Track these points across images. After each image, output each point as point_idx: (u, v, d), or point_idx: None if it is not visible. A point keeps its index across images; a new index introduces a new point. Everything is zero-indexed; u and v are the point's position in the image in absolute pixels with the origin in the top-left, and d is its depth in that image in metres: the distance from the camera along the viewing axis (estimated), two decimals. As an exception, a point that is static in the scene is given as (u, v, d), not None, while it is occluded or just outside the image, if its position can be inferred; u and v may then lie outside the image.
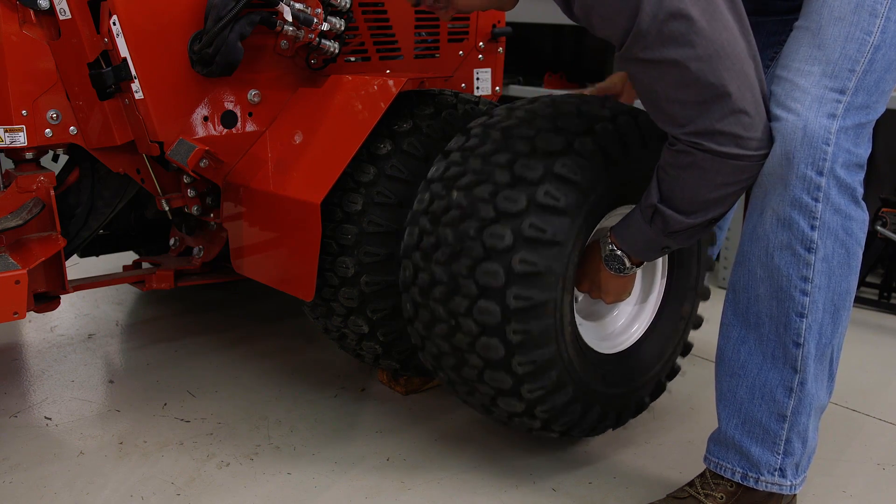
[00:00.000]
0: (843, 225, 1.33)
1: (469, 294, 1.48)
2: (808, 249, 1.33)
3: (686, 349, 1.86)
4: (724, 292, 2.72)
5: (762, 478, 1.44)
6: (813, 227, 1.32)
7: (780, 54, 1.38)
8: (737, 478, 1.46)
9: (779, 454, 1.42)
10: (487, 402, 1.60)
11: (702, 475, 1.52)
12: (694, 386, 2.08)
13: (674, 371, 1.83)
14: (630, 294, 1.66)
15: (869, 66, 1.30)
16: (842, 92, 1.30)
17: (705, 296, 1.87)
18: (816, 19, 1.32)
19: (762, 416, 1.41)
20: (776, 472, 1.44)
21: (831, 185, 1.31)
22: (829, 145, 1.29)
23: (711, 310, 2.54)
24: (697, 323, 1.88)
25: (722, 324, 1.46)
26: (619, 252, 1.52)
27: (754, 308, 1.39)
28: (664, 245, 1.47)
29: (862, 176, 1.35)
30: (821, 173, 1.30)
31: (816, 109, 1.30)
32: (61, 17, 1.71)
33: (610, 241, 1.53)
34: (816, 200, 1.31)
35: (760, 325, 1.39)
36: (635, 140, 1.56)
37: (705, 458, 1.52)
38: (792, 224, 1.33)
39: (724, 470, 1.48)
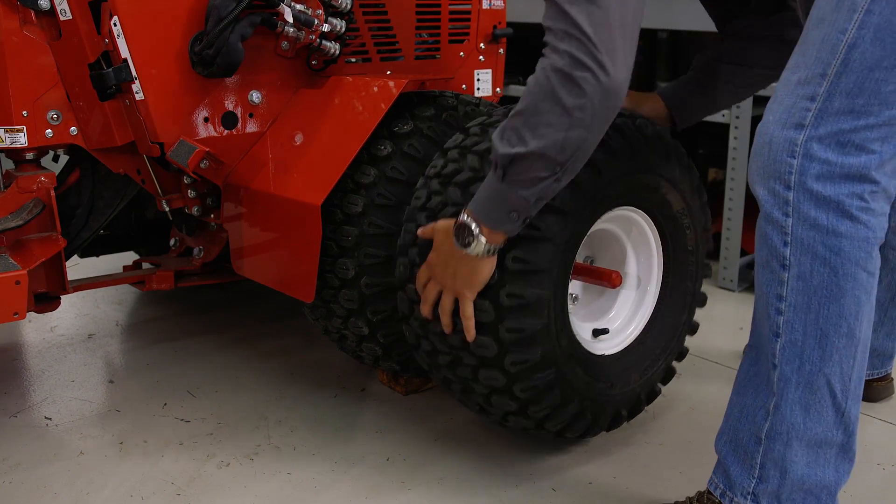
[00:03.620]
0: (824, 241, 1.24)
1: None
2: (783, 266, 1.28)
3: (681, 354, 1.86)
4: (723, 292, 2.75)
5: (736, 499, 1.38)
6: (785, 244, 1.27)
7: None
8: (717, 493, 1.42)
9: (753, 478, 1.36)
10: (482, 400, 1.61)
11: (699, 494, 1.48)
12: (693, 386, 2.09)
13: (669, 373, 1.83)
14: (481, 286, 1.46)
15: (843, 68, 1.22)
16: (812, 99, 1.24)
17: (702, 302, 1.88)
18: (807, 24, 1.28)
19: (744, 435, 1.37)
20: (749, 497, 1.36)
21: (802, 198, 1.24)
22: (794, 157, 1.24)
23: (710, 309, 2.55)
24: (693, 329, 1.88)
25: (747, 344, 1.41)
26: (467, 219, 1.39)
27: (760, 329, 1.35)
28: (511, 202, 1.35)
29: (868, 187, 1.24)
30: (788, 187, 1.24)
31: (784, 121, 1.25)
32: (62, 18, 1.71)
33: (463, 212, 1.42)
34: (786, 215, 1.26)
35: (763, 346, 1.34)
36: (626, 143, 1.57)
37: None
38: (767, 240, 1.29)
39: (712, 483, 1.44)
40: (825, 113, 1.23)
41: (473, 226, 1.39)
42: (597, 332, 1.73)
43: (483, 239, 1.39)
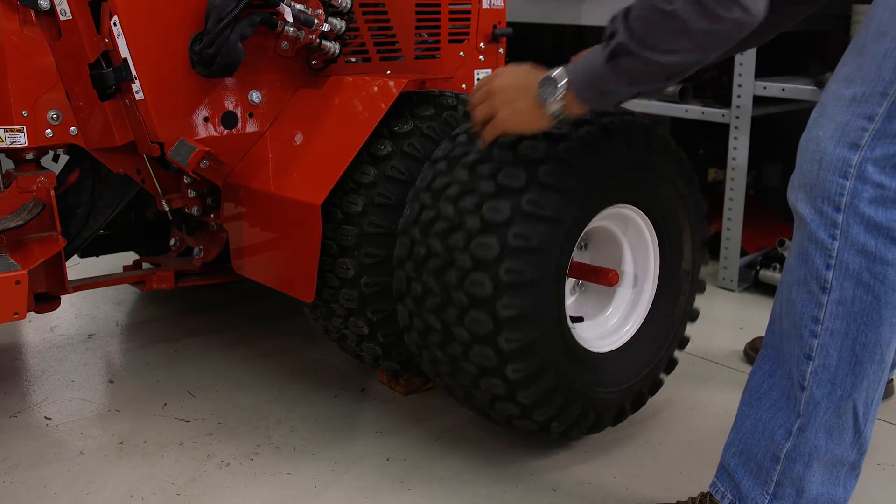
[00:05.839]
0: (870, 268, 1.20)
1: (460, 304, 1.49)
2: (823, 289, 1.23)
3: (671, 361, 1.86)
4: (723, 292, 2.75)
5: None
6: (828, 266, 1.22)
7: None
8: (725, 502, 1.40)
9: (768, 494, 1.34)
10: (485, 406, 1.62)
11: (701, 495, 1.47)
12: (693, 386, 2.09)
13: (671, 364, 1.83)
14: (524, 132, 1.47)
15: None
16: (870, 119, 1.17)
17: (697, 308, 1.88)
18: (864, 34, 1.19)
19: (758, 451, 1.34)
20: None
21: (852, 222, 1.19)
22: (846, 178, 1.18)
23: (710, 309, 2.55)
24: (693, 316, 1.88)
25: (760, 353, 1.39)
26: (561, 80, 1.34)
27: (781, 344, 1.32)
28: (608, 86, 1.31)
29: None
30: (838, 209, 1.19)
31: (838, 139, 1.18)
32: (62, 18, 1.71)
33: (563, 68, 1.36)
34: (833, 238, 1.20)
35: (784, 362, 1.31)
36: (619, 141, 1.57)
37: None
38: (808, 260, 1.23)
39: (717, 491, 1.42)
40: (883, 134, 1.17)
41: (560, 89, 1.34)
42: (574, 320, 1.72)
43: (559, 106, 1.36)
